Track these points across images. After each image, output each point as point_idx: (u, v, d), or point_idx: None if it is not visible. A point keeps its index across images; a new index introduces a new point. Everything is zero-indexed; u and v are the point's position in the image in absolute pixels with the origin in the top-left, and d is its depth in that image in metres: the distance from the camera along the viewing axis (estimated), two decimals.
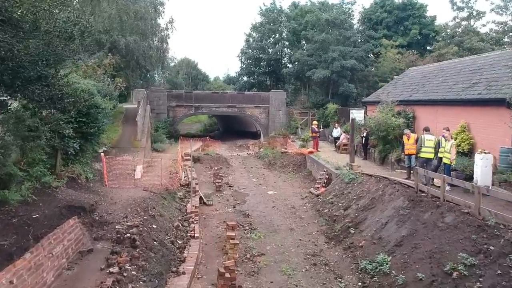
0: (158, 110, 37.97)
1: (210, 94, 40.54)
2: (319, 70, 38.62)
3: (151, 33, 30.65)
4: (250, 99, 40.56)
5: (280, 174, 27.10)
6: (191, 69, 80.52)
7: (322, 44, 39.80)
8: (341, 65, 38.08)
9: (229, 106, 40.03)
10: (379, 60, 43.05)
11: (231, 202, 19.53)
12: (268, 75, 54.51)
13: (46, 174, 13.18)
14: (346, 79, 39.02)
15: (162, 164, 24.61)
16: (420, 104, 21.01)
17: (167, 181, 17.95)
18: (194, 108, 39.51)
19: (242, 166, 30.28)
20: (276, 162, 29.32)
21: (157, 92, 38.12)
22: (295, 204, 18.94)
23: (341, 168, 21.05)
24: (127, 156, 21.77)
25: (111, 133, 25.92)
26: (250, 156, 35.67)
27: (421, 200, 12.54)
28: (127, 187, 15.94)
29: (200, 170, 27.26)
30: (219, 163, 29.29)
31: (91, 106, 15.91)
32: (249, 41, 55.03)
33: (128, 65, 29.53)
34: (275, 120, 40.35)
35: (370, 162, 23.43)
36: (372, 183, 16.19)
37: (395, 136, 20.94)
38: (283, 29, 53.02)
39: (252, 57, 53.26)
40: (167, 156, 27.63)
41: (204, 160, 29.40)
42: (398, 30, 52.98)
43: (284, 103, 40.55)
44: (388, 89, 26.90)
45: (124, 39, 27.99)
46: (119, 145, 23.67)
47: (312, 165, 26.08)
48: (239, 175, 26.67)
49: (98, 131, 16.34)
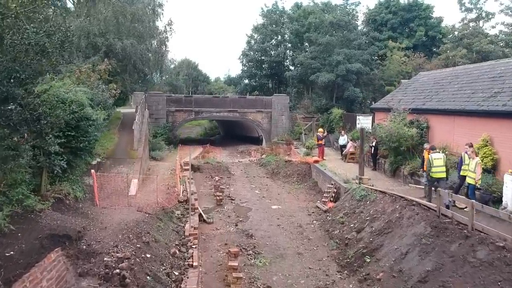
0: (157, 115, 36.68)
1: (210, 99, 39.23)
2: (324, 74, 37.29)
3: (149, 36, 29.32)
4: (252, 104, 39.25)
5: (284, 185, 25.81)
6: (192, 70, 79.65)
7: (326, 46, 38.47)
8: (346, 68, 36.73)
9: (230, 110, 38.71)
10: (384, 63, 41.72)
11: (233, 219, 18.23)
12: (270, 78, 53.18)
13: (29, 196, 11.87)
14: (351, 83, 37.69)
15: (160, 176, 23.39)
16: (435, 114, 19.68)
17: (163, 199, 16.63)
18: (194, 113, 38.20)
19: (244, 175, 28.99)
20: (279, 171, 28.01)
21: (156, 97, 36.81)
22: (301, 222, 17.62)
23: (350, 182, 19.76)
24: (122, 168, 20.49)
25: (107, 142, 24.63)
26: (252, 163, 34.37)
27: (445, 228, 11.21)
28: (119, 207, 14.63)
29: (200, 180, 25.96)
30: (220, 172, 27.99)
31: (80, 118, 14.62)
32: (250, 42, 53.70)
33: (125, 69, 28.22)
34: (277, 125, 39.04)
35: (379, 174, 22.12)
36: (387, 202, 14.87)
37: (407, 147, 19.64)
38: (286, 31, 51.73)
39: (254, 59, 51.93)
40: (165, 165, 26.36)
41: (204, 169, 28.08)
42: (404, 31, 51.70)
43: (287, 108, 39.24)
44: (398, 96, 25.58)
45: (120, 42, 26.67)
46: (115, 155, 22.38)
47: (317, 175, 24.77)
48: (241, 185, 25.37)
49: (89, 145, 15.02)
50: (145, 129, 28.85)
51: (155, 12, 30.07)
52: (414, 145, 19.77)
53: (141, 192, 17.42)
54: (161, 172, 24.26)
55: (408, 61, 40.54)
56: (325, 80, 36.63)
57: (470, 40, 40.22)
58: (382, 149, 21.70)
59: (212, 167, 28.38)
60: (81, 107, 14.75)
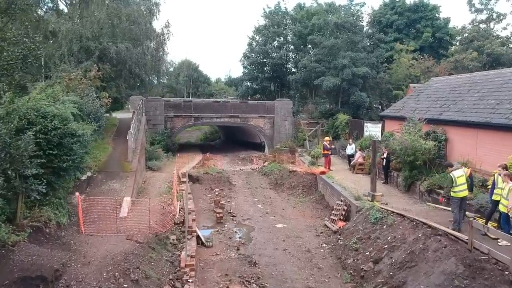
0: (154, 121, 35.13)
1: (211, 103, 37.66)
2: (328, 78, 35.71)
3: (145, 39, 27.76)
4: (254, 109, 37.68)
5: (289, 197, 24.25)
6: (192, 71, 78.63)
7: (330, 49, 36.90)
8: (352, 72, 35.15)
9: (231, 116, 37.15)
10: (392, 66, 40.11)
11: (234, 241, 16.66)
12: (272, 81, 51.61)
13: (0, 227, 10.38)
14: (357, 87, 36.10)
15: (155, 190, 21.85)
16: (454, 125, 18.09)
17: (158, 221, 15.06)
18: (194, 119, 36.63)
19: (246, 185, 27.43)
20: (283, 183, 26.45)
21: (153, 102, 35.25)
22: (310, 245, 16.04)
23: (362, 199, 18.18)
24: (114, 183, 18.95)
25: (99, 152, 23.08)
26: (254, 171, 32.84)
27: (482, 268, 9.63)
28: (107, 234, 13.07)
29: (199, 192, 24.40)
30: (221, 183, 26.42)
31: (64, 135, 13.08)
32: (252, 44, 52.16)
33: (120, 74, 26.67)
34: (280, 131, 37.48)
35: (392, 188, 20.54)
36: (407, 228, 13.29)
37: (424, 161, 18.06)
38: (288, 32, 50.19)
39: (256, 62, 50.37)
40: (162, 176, 24.79)
41: (204, 180, 26.50)
42: (410, 33, 50.09)
43: (290, 113, 37.67)
44: (410, 103, 23.99)
45: (115, 46, 25.11)
46: (107, 168, 20.84)
47: (325, 188, 23.20)
48: (243, 199, 23.81)
49: (74, 164, 13.46)
50: (141, 137, 27.33)
51: (151, 12, 28.37)
52: (431, 159, 18.20)
53: (134, 212, 15.84)
54: (157, 185, 22.71)
55: (417, 64, 38.93)
56: (330, 84, 35.05)
57: (481, 42, 38.64)
58: (396, 161, 20.07)
59: (212, 178, 26.81)
60: (65, 122, 13.20)
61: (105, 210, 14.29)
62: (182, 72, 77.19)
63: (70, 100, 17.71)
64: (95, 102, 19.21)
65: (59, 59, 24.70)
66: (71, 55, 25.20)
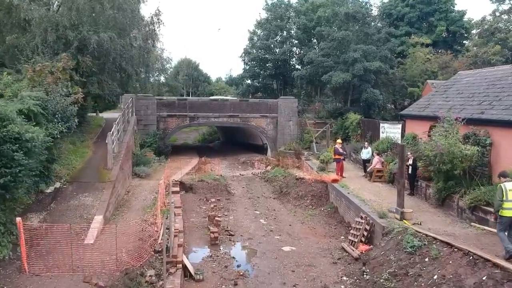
0: (146, 121, 31.89)
1: (208, 102, 34.32)
2: (338, 74, 32.40)
3: (132, 28, 24.44)
4: (255, 108, 34.37)
5: (296, 209, 20.96)
6: (192, 70, 76.28)
7: (340, 42, 33.59)
8: (364, 67, 31.86)
9: (230, 116, 33.84)
10: (406, 60, 36.71)
11: (231, 272, 13.32)
12: (275, 78, 48.28)
13: None
14: (369, 83, 32.78)
15: (140, 202, 18.57)
16: (501, 126, 14.73)
17: (133, 249, 11.74)
18: (189, 119, 33.34)
19: (247, 194, 24.15)
20: (289, 191, 23.13)
21: (144, 100, 32.00)
22: (326, 279, 12.69)
23: (387, 216, 14.87)
24: (86, 197, 15.67)
25: (76, 158, 19.88)
26: (255, 176, 29.54)
27: None
28: (59, 273, 9.77)
29: (192, 204, 21.09)
30: (217, 193, 23.09)
31: (2, 140, 9.80)
32: (253, 39, 48.86)
33: (103, 68, 23.35)
34: (284, 132, 34.17)
35: (421, 201, 17.23)
36: (461, 264, 9.95)
37: (463, 170, 14.74)
38: (292, 26, 46.84)
39: (257, 58, 47.02)
40: (150, 185, 21.51)
41: (198, 188, 23.14)
42: (422, 26, 46.75)
43: (295, 112, 34.35)
44: (436, 100, 20.65)
45: (96, 36, 21.79)
46: (81, 178, 17.58)
47: (338, 200, 19.91)
48: (243, 211, 20.52)
49: (17, 180, 10.17)
50: (128, 140, 24.08)
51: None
52: (473, 168, 14.90)
53: (104, 236, 12.54)
54: (142, 196, 19.44)
55: (433, 59, 35.56)
56: (340, 80, 31.73)
57: (504, 34, 35.29)
58: (428, 169, 16.69)
59: (207, 186, 23.44)
60: (4, 123, 9.91)
61: (61, 236, 10.97)
62: (181, 71, 74.77)
63: (31, 96, 14.45)
64: (63, 99, 15.86)
65: (31, 51, 21.42)
66: (46, 46, 21.92)
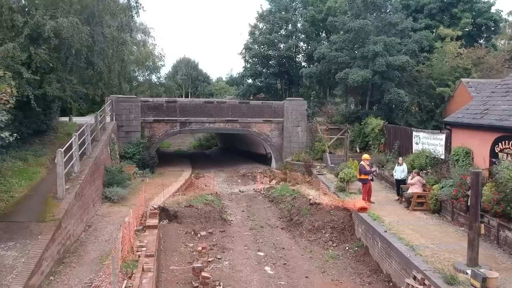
0: (128, 128, 26.82)
1: (201, 104, 29.19)
2: (355, 71, 27.31)
3: (105, 13, 19.42)
4: (257, 111, 29.28)
5: (312, 247, 15.96)
6: (191, 70, 72.36)
7: (357, 33, 28.49)
8: (386, 62, 26.79)
9: (228, 120, 28.78)
10: (433, 56, 31.55)
11: None
12: (279, 77, 43.11)
13: None
14: (392, 82, 27.67)
15: (101, 245, 13.51)
16: None
17: None
18: (180, 124, 28.26)
19: (247, 222, 19.14)
20: (301, 221, 18.06)
21: (126, 102, 26.93)
22: None
23: (457, 280, 9.82)
24: (7, 251, 10.58)
25: (20, 181, 14.88)
26: (258, 194, 24.59)
27: None
28: None
29: (175, 240, 15.98)
30: (209, 222, 18.01)
31: None
32: (254, 34, 43.72)
33: (64, 63, 18.32)
34: (291, 140, 29.10)
35: (491, 248, 12.17)
36: None
37: None
38: (298, 18, 41.66)
39: (259, 54, 41.81)
40: (122, 214, 16.39)
41: (186, 216, 17.97)
42: (444, 19, 41.47)
43: (304, 116, 29.28)
44: (497, 103, 15.52)
45: (53, 21, 16.75)
46: (14, 215, 12.47)
47: (369, 238, 14.85)
48: (242, 252, 15.46)
49: None
50: (99, 153, 19.09)
51: None
52: None
53: None
54: (106, 235, 14.35)
55: (466, 54, 30.43)
56: (358, 78, 26.62)
57: None
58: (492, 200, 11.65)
59: (197, 213, 18.26)
60: None
61: None
62: (180, 70, 71.35)
63: None
64: None
65: None
66: None
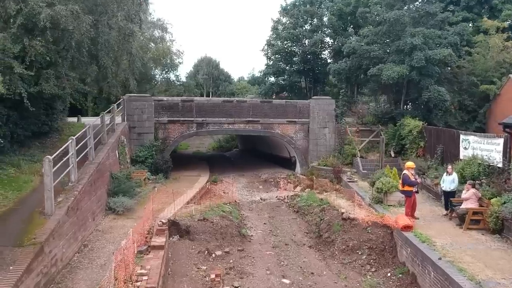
0: (140, 129, 24.81)
1: (220, 103, 26.89)
2: (390, 66, 24.59)
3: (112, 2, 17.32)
4: (281, 111, 26.84)
5: (346, 272, 13.46)
6: (212, 69, 71.04)
7: (392, 26, 25.74)
8: (426, 57, 24.01)
9: (248, 121, 26.44)
10: (475, 50, 28.51)
11: None
12: (303, 74, 40.53)
13: None
14: (432, 79, 24.84)
15: (96, 268, 11.29)
16: None
17: None
18: (196, 125, 26.08)
19: (270, 238, 16.74)
20: (333, 239, 15.54)
21: (138, 102, 24.92)
22: None
23: None
24: None
25: (7, 192, 12.92)
26: (281, 203, 22.20)
27: None
28: None
29: (186, 262, 13.63)
30: (226, 239, 15.65)
31: None
32: (277, 29, 41.27)
33: (64, 57, 16.31)
34: (318, 143, 26.56)
35: None
36: None
37: None
38: (324, 12, 38.99)
39: (282, 50, 39.38)
40: (125, 229, 14.20)
41: (199, 232, 15.62)
42: (482, 12, 38.19)
43: (332, 117, 26.70)
44: None
45: (50, 9, 14.72)
46: None
47: (417, 263, 12.24)
48: (263, 277, 13.06)
49: None
50: (103, 158, 17.06)
51: None
52: None
53: None
54: (103, 257, 12.17)
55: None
56: (394, 75, 23.89)
57: None
58: None
59: (212, 228, 15.89)
60: None
61: None
62: (201, 70, 70.54)
63: None
64: None
65: None
66: None
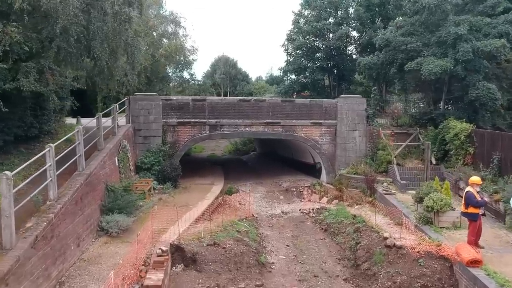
0: (146, 132, 22.11)
1: (236, 103, 23.91)
2: (431, 60, 21.29)
3: None
4: (304, 111, 23.73)
5: None
6: (230, 68, 69.13)
7: (432, 14, 22.41)
8: (473, 49, 20.66)
9: (268, 123, 23.44)
10: None
11: None
12: (327, 72, 37.29)
13: None
14: (480, 74, 21.46)
15: None
16: None
17: None
18: (209, 127, 23.21)
19: (294, 266, 13.76)
20: (375, 271, 12.41)
21: (144, 101, 22.23)
22: None
23: None
24: None
25: None
26: (306, 218, 19.25)
27: None
28: None
29: None
30: (241, 270, 12.68)
31: None
32: (298, 22, 38.06)
33: (48, 47, 13.65)
34: (347, 147, 23.39)
35: None
36: None
37: None
38: (351, 2, 35.68)
39: (304, 46, 36.12)
40: (117, 258, 11.41)
41: (208, 261, 12.69)
42: None
43: (362, 118, 23.49)
44: None
45: None
46: None
47: None
48: None
49: None
50: (96, 168, 14.34)
51: None
52: None
53: None
54: None
55: None
56: (436, 69, 20.57)
57: None
58: None
59: (224, 255, 12.91)
60: None
61: None
62: (219, 69, 69.00)
63: None
64: None
65: None
66: None
